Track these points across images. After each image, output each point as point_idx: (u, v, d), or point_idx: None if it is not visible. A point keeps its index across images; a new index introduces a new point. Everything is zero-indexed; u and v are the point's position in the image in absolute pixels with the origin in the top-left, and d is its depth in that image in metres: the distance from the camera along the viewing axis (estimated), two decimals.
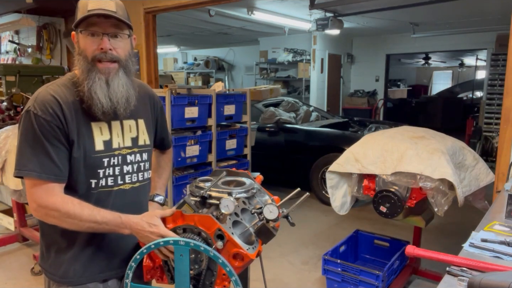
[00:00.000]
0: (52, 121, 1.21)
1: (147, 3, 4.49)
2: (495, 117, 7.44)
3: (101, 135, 1.31)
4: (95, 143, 1.29)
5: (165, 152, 1.70)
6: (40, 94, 1.25)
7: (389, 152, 2.52)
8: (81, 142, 1.26)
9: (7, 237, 3.75)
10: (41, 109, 1.21)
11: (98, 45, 1.23)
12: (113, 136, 1.33)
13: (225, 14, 6.44)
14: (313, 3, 5.47)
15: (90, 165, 1.28)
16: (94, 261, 1.35)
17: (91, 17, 1.21)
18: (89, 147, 1.28)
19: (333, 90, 9.37)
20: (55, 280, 1.35)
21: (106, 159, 1.31)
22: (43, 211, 1.22)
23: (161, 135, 1.59)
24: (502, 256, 1.28)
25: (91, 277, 1.35)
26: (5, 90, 4.69)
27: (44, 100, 1.23)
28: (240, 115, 4.24)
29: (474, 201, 2.72)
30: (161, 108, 1.57)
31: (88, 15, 1.20)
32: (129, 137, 1.38)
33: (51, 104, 1.22)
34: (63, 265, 1.33)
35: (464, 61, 14.01)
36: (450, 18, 7.04)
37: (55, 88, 1.27)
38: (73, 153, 1.25)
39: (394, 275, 2.89)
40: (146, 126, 1.45)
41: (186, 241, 1.11)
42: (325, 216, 4.67)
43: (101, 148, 1.30)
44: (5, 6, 5.26)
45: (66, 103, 1.24)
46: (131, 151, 1.38)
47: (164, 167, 1.70)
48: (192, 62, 12.33)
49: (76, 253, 1.33)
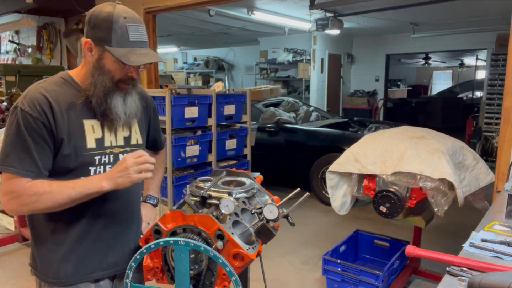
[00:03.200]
0: (38, 118, 1.21)
1: (147, 3, 4.49)
2: (495, 117, 7.43)
3: (93, 132, 1.31)
4: (87, 140, 1.29)
5: (158, 153, 1.70)
6: (30, 91, 1.25)
7: (389, 152, 2.52)
8: (72, 140, 1.26)
9: (7, 237, 3.75)
10: (29, 105, 1.21)
11: (127, 71, 1.28)
12: (105, 134, 1.33)
13: (225, 14, 6.44)
14: (313, 3, 5.47)
15: (81, 162, 1.28)
16: (85, 261, 1.34)
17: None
18: (80, 145, 1.28)
19: (333, 90, 9.37)
20: (46, 281, 1.35)
21: (98, 157, 1.31)
22: (14, 202, 1.21)
23: (154, 136, 1.60)
24: (502, 256, 1.28)
25: (83, 277, 1.35)
26: (5, 90, 4.69)
27: (33, 97, 1.23)
28: (240, 115, 4.24)
29: (474, 201, 2.72)
30: (154, 108, 1.58)
31: (134, 49, 1.24)
32: (121, 136, 1.38)
33: (39, 101, 1.22)
34: (53, 266, 1.33)
35: (464, 61, 14.01)
36: (450, 18, 7.04)
37: (46, 86, 1.27)
38: (63, 150, 1.25)
39: (394, 275, 2.89)
40: (139, 126, 1.45)
41: (186, 241, 1.11)
42: (325, 216, 4.67)
43: (93, 146, 1.30)
44: (5, 6, 5.26)
45: (56, 100, 1.25)
46: (124, 150, 1.38)
47: (157, 168, 1.69)
48: (192, 62, 12.34)
49: (67, 253, 1.32)
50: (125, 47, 1.23)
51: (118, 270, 1.41)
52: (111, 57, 1.24)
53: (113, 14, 1.22)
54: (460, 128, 8.54)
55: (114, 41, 1.22)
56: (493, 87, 7.58)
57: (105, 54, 1.24)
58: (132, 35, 1.24)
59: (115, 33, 1.22)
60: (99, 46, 1.24)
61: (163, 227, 1.19)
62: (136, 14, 1.28)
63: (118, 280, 1.43)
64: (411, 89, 14.24)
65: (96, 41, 1.24)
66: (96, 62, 1.26)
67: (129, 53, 1.23)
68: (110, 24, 1.21)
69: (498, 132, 3.64)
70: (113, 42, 1.22)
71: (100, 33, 1.23)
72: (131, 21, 1.24)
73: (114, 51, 1.22)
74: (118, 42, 1.22)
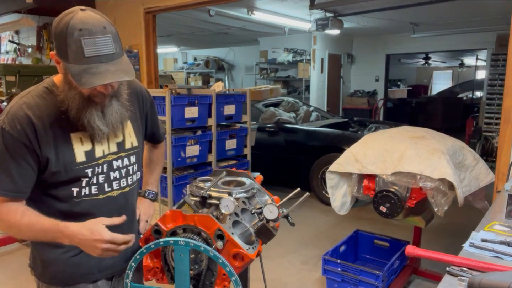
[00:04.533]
0: (18, 138, 1.17)
1: (147, 3, 4.49)
2: (495, 117, 7.44)
3: (81, 146, 1.26)
4: (76, 155, 1.25)
5: (157, 147, 1.67)
6: (12, 109, 1.19)
7: (389, 152, 2.52)
8: (60, 156, 1.22)
9: (7, 237, 3.75)
10: (9, 124, 1.17)
11: (95, 88, 1.14)
12: (95, 145, 1.28)
13: (225, 14, 6.44)
14: (313, 3, 5.47)
15: (71, 176, 1.25)
16: (83, 262, 1.34)
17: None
18: (69, 160, 1.24)
19: (333, 90, 9.36)
20: (45, 281, 1.35)
21: (90, 169, 1.27)
22: None
23: (151, 130, 1.56)
24: (502, 256, 1.28)
25: (81, 278, 1.35)
26: (5, 90, 4.68)
27: (14, 116, 1.17)
28: (240, 115, 4.24)
29: (474, 201, 2.72)
30: (151, 102, 1.52)
31: (90, 66, 1.09)
32: (114, 143, 1.33)
33: (20, 121, 1.17)
34: (52, 266, 1.33)
35: (464, 61, 14.01)
36: (450, 18, 7.04)
37: (30, 101, 1.20)
38: (50, 168, 1.21)
39: (394, 275, 2.89)
40: (134, 127, 1.40)
41: (186, 241, 1.11)
42: (325, 216, 4.67)
43: (83, 160, 1.26)
44: (5, 6, 5.25)
45: (39, 117, 1.19)
46: (118, 156, 1.34)
47: (156, 162, 1.67)
48: (192, 62, 12.34)
49: (66, 254, 1.32)
50: (81, 64, 1.09)
51: (116, 271, 1.41)
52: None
53: (67, 27, 1.08)
54: (460, 128, 8.55)
55: (71, 57, 1.09)
56: (493, 87, 7.58)
57: (69, 70, 1.13)
58: (87, 50, 1.08)
59: (70, 48, 1.08)
60: (62, 61, 1.13)
61: (163, 227, 1.19)
62: (101, 21, 1.11)
63: (116, 280, 1.43)
64: (411, 89, 14.24)
65: (58, 55, 1.13)
66: (64, 76, 1.18)
67: (83, 73, 1.09)
68: (64, 38, 1.08)
69: (498, 132, 3.64)
70: (70, 58, 1.09)
71: (59, 47, 1.11)
72: (87, 33, 1.08)
73: (71, 69, 1.10)
74: (74, 59, 1.09)
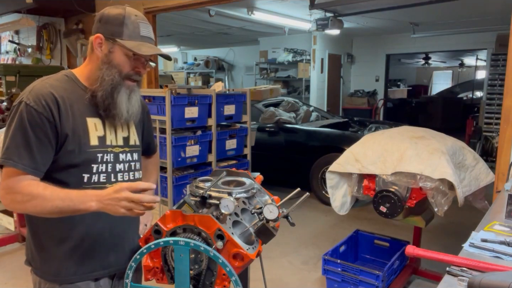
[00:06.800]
0: (43, 113, 1.22)
1: (147, 3, 4.49)
2: (495, 117, 7.44)
3: (95, 130, 1.33)
4: (90, 137, 1.31)
5: (151, 157, 1.72)
6: (36, 87, 1.27)
7: (389, 152, 2.52)
8: (76, 136, 1.28)
9: (7, 237, 3.75)
10: (34, 100, 1.22)
11: (135, 66, 1.33)
12: (106, 133, 1.36)
13: (225, 14, 6.44)
14: (313, 3, 5.47)
15: (84, 158, 1.29)
16: (87, 259, 1.35)
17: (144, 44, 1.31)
18: (84, 141, 1.29)
19: (333, 90, 9.36)
20: (47, 279, 1.35)
21: (100, 154, 1.33)
22: (8, 198, 1.21)
23: (147, 140, 1.61)
24: (502, 256, 1.28)
25: (84, 275, 1.35)
26: (5, 90, 4.69)
27: (39, 93, 1.24)
28: (240, 115, 4.23)
29: (474, 201, 2.72)
30: (148, 112, 1.60)
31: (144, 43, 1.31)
32: (121, 136, 1.40)
33: (45, 97, 1.23)
34: (55, 264, 1.33)
35: (464, 61, 14.01)
36: (450, 18, 7.03)
37: (52, 82, 1.29)
38: (67, 146, 1.26)
39: (394, 275, 2.89)
40: (136, 128, 1.48)
41: (186, 241, 1.11)
42: (325, 216, 4.67)
43: (96, 143, 1.32)
44: (5, 6, 5.25)
45: (62, 97, 1.26)
46: (123, 150, 1.40)
47: (152, 171, 1.72)
48: (192, 62, 12.34)
49: (70, 251, 1.32)
50: (136, 41, 1.30)
51: (118, 269, 1.42)
52: (121, 51, 1.29)
53: (125, 12, 1.31)
54: (460, 128, 8.54)
55: (126, 34, 1.29)
56: (493, 87, 7.58)
57: (115, 48, 1.29)
58: (142, 31, 1.32)
59: (127, 27, 1.29)
60: (109, 40, 1.29)
61: (163, 227, 1.19)
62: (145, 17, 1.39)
63: (117, 279, 1.44)
64: (411, 89, 14.24)
65: (107, 35, 1.29)
66: (105, 57, 1.30)
67: (140, 46, 1.29)
68: (122, 19, 1.29)
69: (498, 132, 3.64)
70: (124, 35, 1.29)
71: (111, 28, 1.29)
72: (141, 19, 1.34)
73: (126, 43, 1.28)
74: (130, 36, 1.29)
